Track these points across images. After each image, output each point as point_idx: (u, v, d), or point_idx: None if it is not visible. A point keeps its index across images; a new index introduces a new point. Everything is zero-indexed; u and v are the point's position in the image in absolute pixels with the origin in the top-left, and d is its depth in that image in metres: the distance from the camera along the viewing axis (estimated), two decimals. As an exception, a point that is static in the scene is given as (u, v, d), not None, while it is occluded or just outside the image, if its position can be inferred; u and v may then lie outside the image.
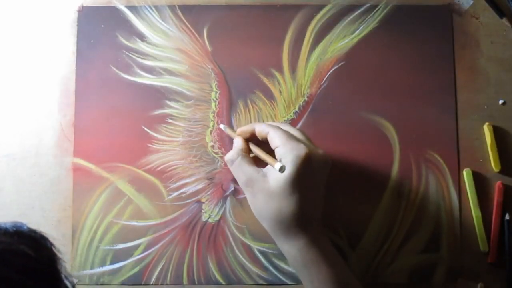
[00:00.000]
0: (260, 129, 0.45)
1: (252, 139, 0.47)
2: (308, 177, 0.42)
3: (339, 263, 0.43)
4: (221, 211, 0.51)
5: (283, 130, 0.44)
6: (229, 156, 0.46)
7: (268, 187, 0.42)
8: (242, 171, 0.44)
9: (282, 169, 0.41)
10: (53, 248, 0.34)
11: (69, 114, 0.52)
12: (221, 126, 0.50)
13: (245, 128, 0.47)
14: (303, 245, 0.42)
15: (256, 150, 0.46)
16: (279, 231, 0.43)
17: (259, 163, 0.45)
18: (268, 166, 0.44)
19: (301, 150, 0.41)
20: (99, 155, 0.52)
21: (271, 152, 0.44)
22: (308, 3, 0.53)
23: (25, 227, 0.33)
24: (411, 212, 0.51)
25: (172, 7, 0.53)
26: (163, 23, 0.53)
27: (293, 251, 0.42)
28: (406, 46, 0.53)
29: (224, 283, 0.50)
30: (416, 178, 0.51)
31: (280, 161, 0.42)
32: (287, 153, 0.42)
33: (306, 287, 0.43)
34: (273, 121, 0.52)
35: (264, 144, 0.46)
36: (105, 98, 0.52)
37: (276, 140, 0.43)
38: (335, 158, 0.51)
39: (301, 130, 0.46)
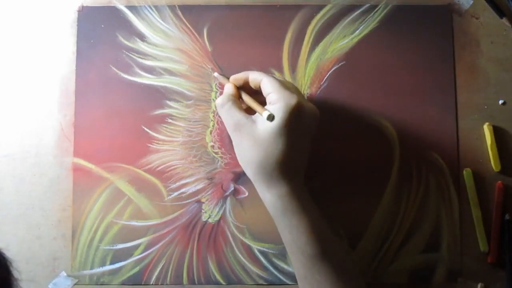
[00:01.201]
0: (254, 76, 0.46)
1: (245, 87, 0.47)
2: (297, 126, 0.42)
3: (317, 215, 0.43)
4: (221, 211, 0.51)
5: (276, 78, 0.45)
6: (219, 100, 0.46)
7: (256, 132, 0.42)
8: (230, 115, 0.44)
9: (269, 117, 0.41)
10: (11, 269, 0.34)
11: (69, 114, 0.52)
12: (215, 74, 0.50)
13: (239, 76, 0.47)
14: (285, 193, 0.42)
15: (246, 98, 0.46)
16: (262, 178, 0.43)
17: (249, 112, 0.45)
18: (258, 114, 0.44)
19: (292, 99, 0.42)
20: (99, 155, 0.52)
21: (262, 104, 0.44)
22: (308, 3, 0.53)
23: None
24: (411, 212, 0.51)
25: (172, 7, 0.53)
26: (163, 23, 0.53)
27: (273, 199, 0.42)
28: (406, 46, 0.53)
29: (224, 283, 0.50)
30: (416, 178, 0.51)
31: (270, 104, 0.43)
32: (278, 100, 0.42)
33: (284, 237, 0.44)
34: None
35: (256, 96, 0.46)
36: (105, 98, 0.52)
37: (268, 86, 0.44)
38: (335, 158, 0.51)
39: (295, 85, 0.46)
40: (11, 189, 0.52)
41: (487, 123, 0.51)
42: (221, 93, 0.52)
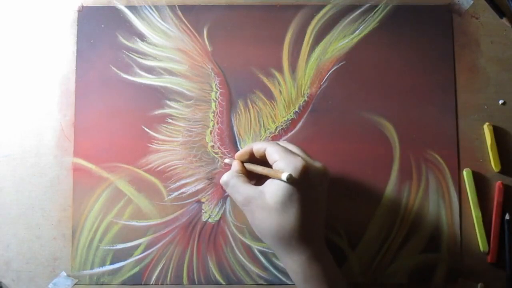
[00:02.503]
0: (258, 147, 0.45)
1: (251, 160, 0.47)
2: (307, 189, 0.41)
3: (339, 279, 0.43)
4: (221, 211, 0.51)
5: (280, 145, 0.44)
6: (224, 178, 0.45)
7: (266, 203, 0.42)
8: (238, 191, 0.44)
9: (289, 178, 0.40)
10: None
11: (69, 114, 0.52)
12: (226, 161, 0.51)
13: (243, 151, 0.47)
14: (305, 260, 0.42)
15: (255, 167, 0.45)
16: (281, 247, 0.42)
17: (256, 183, 0.45)
18: (266, 183, 0.43)
19: (298, 162, 0.41)
20: (99, 155, 0.52)
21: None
22: (308, 3, 0.53)
23: None
24: (411, 212, 0.51)
25: (172, 7, 0.53)
26: (163, 23, 0.53)
27: (294, 266, 0.42)
28: (406, 46, 0.53)
29: (224, 283, 0.50)
30: (416, 178, 0.51)
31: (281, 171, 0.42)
32: (285, 167, 0.41)
33: None
34: (273, 121, 0.52)
35: (262, 165, 0.45)
36: (105, 98, 0.52)
37: (274, 154, 0.43)
38: (335, 158, 0.51)
39: (298, 146, 0.45)
40: (11, 189, 0.52)
41: (487, 123, 0.51)
42: (220, 102, 0.52)
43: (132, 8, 0.53)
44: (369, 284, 0.50)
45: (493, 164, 0.51)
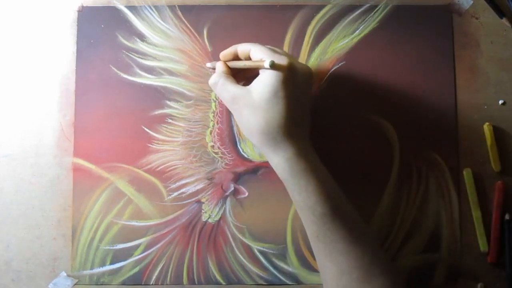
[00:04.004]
0: (243, 48, 0.46)
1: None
2: (292, 86, 0.43)
3: (326, 175, 0.44)
4: (221, 211, 0.51)
5: (264, 45, 0.45)
6: (212, 79, 0.47)
7: (253, 101, 0.43)
8: (226, 90, 0.45)
9: (272, 64, 0.42)
10: None
11: (69, 114, 0.52)
12: (207, 65, 0.52)
13: (227, 51, 0.48)
14: (291, 155, 0.42)
15: (238, 63, 0.47)
16: (268, 143, 0.43)
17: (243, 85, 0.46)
18: (252, 83, 0.44)
19: (284, 59, 0.42)
20: (99, 155, 0.52)
21: (253, 78, 0.45)
22: (308, 3, 0.53)
23: None
24: (411, 212, 0.51)
25: (172, 7, 0.53)
26: (163, 23, 0.53)
27: (281, 162, 0.43)
28: (406, 46, 0.53)
29: (224, 283, 0.50)
30: (416, 178, 0.51)
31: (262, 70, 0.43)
32: (272, 62, 0.42)
33: (293, 198, 0.44)
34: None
35: (248, 70, 0.47)
36: (105, 98, 0.52)
37: (259, 53, 0.44)
38: (335, 158, 0.51)
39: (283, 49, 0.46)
40: (11, 189, 0.52)
41: (487, 123, 0.51)
42: (220, 102, 0.52)
43: (132, 8, 0.53)
44: (369, 284, 0.50)
45: (493, 164, 0.51)
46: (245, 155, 0.52)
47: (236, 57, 0.48)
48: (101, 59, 0.53)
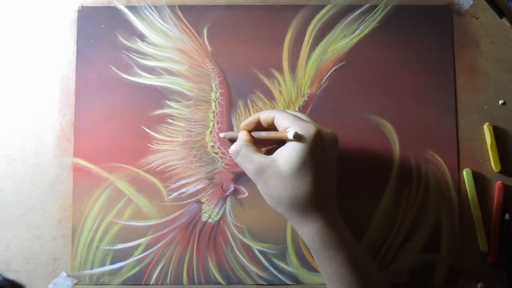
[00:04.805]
0: (265, 115, 0.45)
1: (257, 130, 0.47)
2: (320, 155, 0.41)
3: (355, 244, 0.43)
4: (221, 211, 0.51)
5: (288, 112, 0.44)
6: (233, 148, 0.45)
7: (280, 171, 0.41)
8: (249, 160, 0.43)
9: (296, 136, 0.40)
10: None
11: (69, 114, 0.52)
12: (221, 134, 0.51)
13: (249, 120, 0.47)
14: (320, 226, 0.41)
15: (262, 134, 0.45)
16: (296, 214, 0.42)
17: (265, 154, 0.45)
18: (277, 151, 0.43)
19: (311, 128, 0.41)
20: (99, 155, 0.52)
21: (278, 145, 0.43)
22: (308, 3, 0.53)
23: (1, 278, 0.33)
24: (411, 212, 0.51)
25: (172, 7, 0.53)
26: (163, 23, 0.53)
27: (311, 233, 0.42)
28: (406, 46, 0.53)
29: (224, 283, 0.50)
30: (416, 178, 0.51)
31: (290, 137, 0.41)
32: (297, 131, 0.41)
33: (323, 269, 0.43)
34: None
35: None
36: (105, 98, 0.52)
37: (284, 122, 0.42)
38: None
39: (306, 114, 0.45)
40: (11, 189, 0.52)
41: (487, 123, 0.51)
42: (220, 102, 0.52)
43: (132, 8, 0.53)
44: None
45: (493, 164, 0.51)
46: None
47: (259, 125, 0.46)
48: (101, 59, 0.53)
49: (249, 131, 0.47)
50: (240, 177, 0.52)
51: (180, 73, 0.53)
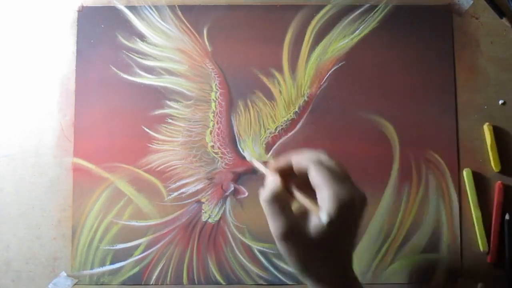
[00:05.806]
0: (298, 161, 0.40)
1: (287, 172, 0.41)
2: (349, 221, 0.38)
3: None
4: (221, 211, 0.51)
5: (324, 166, 0.39)
6: (267, 196, 0.39)
7: (309, 238, 0.38)
8: (282, 220, 0.38)
9: (328, 223, 0.37)
10: None
11: (69, 114, 0.52)
12: (253, 161, 0.47)
13: (281, 164, 0.41)
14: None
15: (298, 195, 0.40)
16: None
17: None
18: (312, 218, 0.38)
19: (345, 195, 0.37)
20: (99, 155, 0.52)
21: (308, 190, 0.39)
22: (308, 3, 0.53)
23: None
24: (411, 212, 0.51)
25: (172, 7, 0.53)
26: (163, 23, 0.53)
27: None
28: (406, 46, 0.53)
29: (224, 283, 0.50)
30: (416, 178, 0.51)
31: (321, 200, 0.38)
32: (330, 197, 0.37)
33: None
34: (273, 121, 0.52)
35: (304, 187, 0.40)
36: (105, 98, 0.52)
37: (318, 179, 0.38)
38: (335, 158, 0.51)
39: (339, 163, 0.40)
40: (11, 189, 0.52)
41: (487, 123, 0.51)
42: (220, 102, 0.52)
43: (132, 8, 0.53)
44: (369, 284, 0.50)
45: (493, 164, 0.51)
46: (245, 155, 0.52)
47: (291, 168, 0.40)
48: (101, 59, 0.53)
49: (282, 175, 0.40)
50: (240, 177, 0.52)
51: (180, 73, 0.53)
